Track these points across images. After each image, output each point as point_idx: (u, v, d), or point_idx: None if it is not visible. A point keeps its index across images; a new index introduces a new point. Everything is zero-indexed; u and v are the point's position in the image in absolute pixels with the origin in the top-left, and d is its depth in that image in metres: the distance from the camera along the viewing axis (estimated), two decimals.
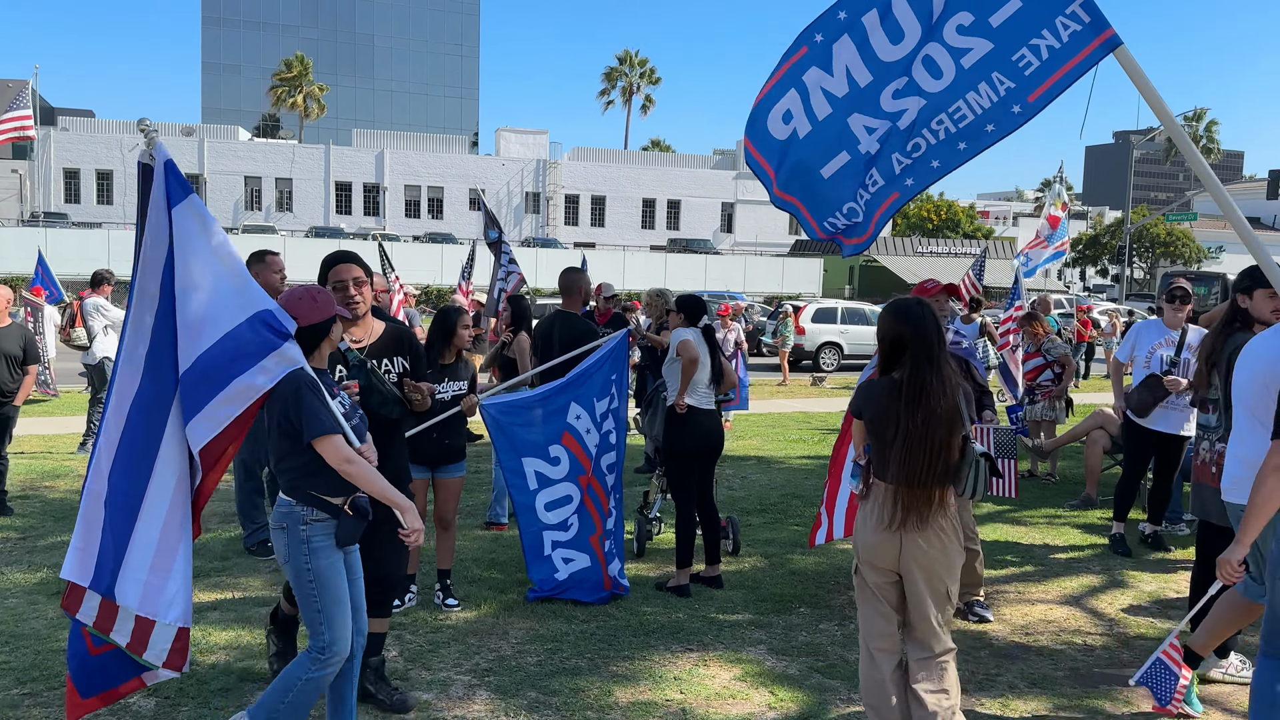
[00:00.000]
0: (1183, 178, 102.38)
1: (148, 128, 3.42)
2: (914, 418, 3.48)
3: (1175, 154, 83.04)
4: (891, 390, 3.56)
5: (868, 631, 3.68)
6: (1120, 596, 5.88)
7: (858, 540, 3.69)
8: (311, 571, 3.41)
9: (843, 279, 50.85)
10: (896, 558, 3.57)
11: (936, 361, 3.55)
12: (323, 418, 3.33)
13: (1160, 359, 6.56)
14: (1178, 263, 61.74)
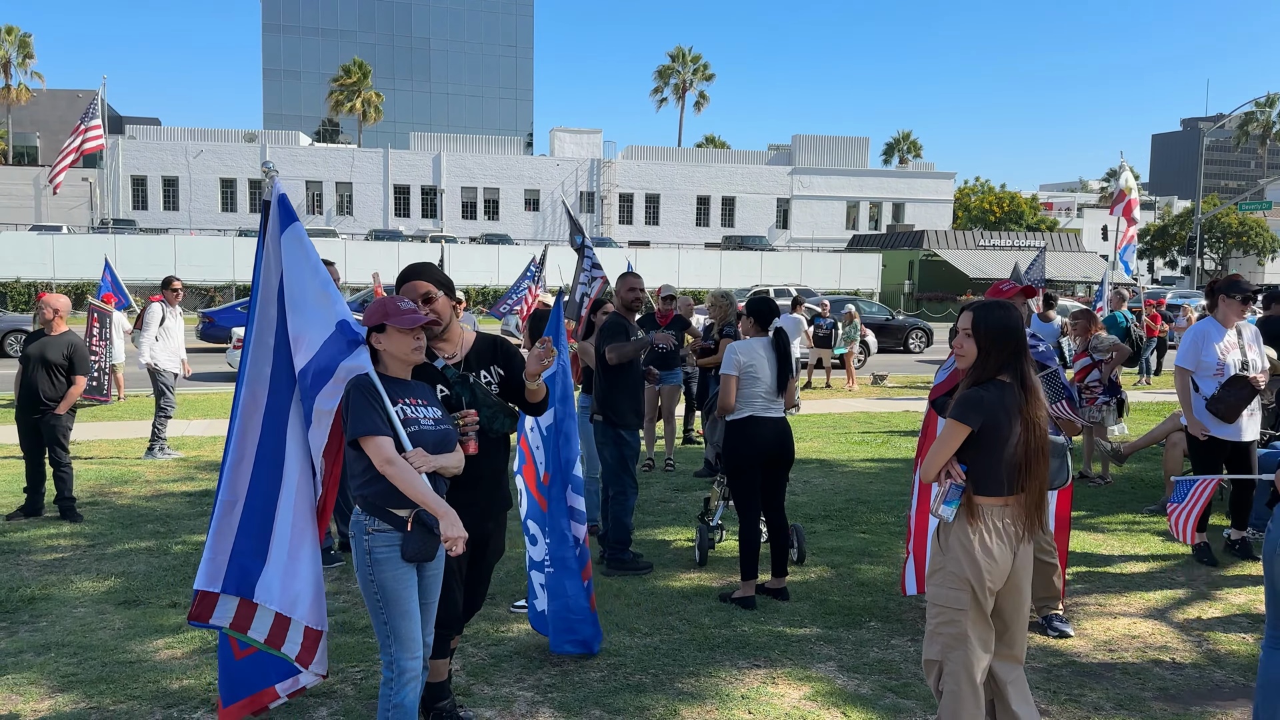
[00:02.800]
0: (1254, 165, 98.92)
1: (269, 169, 3.76)
2: (1037, 421, 3.41)
3: (1246, 140, 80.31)
4: (1011, 394, 3.41)
5: (974, 664, 3.40)
6: (1208, 609, 5.60)
7: (980, 566, 3.38)
8: (375, 583, 3.37)
9: (902, 274, 50.06)
10: (1008, 574, 3.44)
11: (1027, 362, 3.50)
12: (367, 418, 3.30)
13: (1231, 365, 6.28)
14: (1250, 253, 59.82)
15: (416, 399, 3.50)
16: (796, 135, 64.55)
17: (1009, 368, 3.45)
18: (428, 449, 3.41)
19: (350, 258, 37.02)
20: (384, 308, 3.48)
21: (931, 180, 65.94)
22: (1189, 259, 50.41)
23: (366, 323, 3.50)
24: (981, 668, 3.44)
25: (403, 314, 3.46)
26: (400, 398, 3.44)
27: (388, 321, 3.46)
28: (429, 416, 3.49)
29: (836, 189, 63.80)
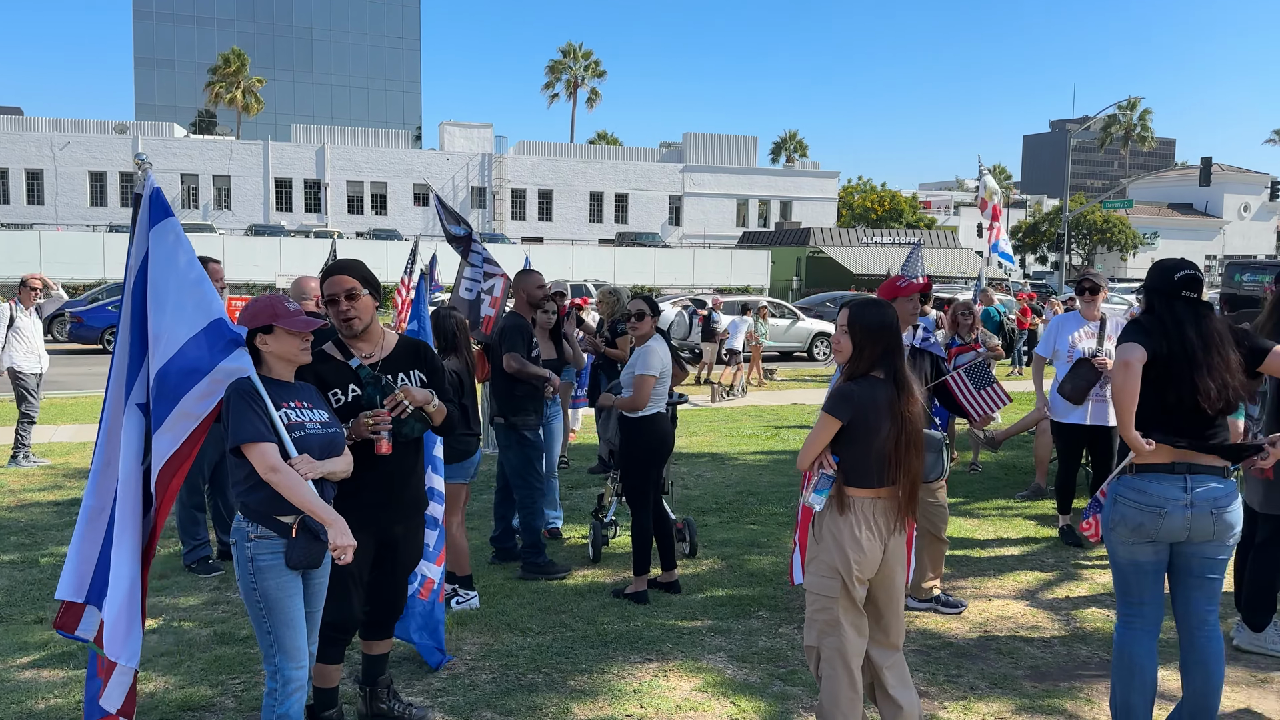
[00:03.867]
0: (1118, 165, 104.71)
1: (142, 161, 3.58)
2: (909, 417, 3.51)
3: (1110, 141, 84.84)
4: (884, 390, 3.52)
5: (849, 651, 3.52)
6: (1075, 589, 5.92)
7: (848, 555, 3.48)
8: (258, 592, 3.27)
9: (790, 271, 51.12)
10: (879, 565, 3.55)
11: (903, 358, 3.61)
12: (250, 424, 3.20)
13: (1082, 351, 6.66)
14: (1114, 249, 63.15)
15: (302, 402, 3.41)
16: (687, 133, 65.20)
17: (882, 364, 3.56)
18: (314, 454, 3.32)
19: (229, 254, 35.66)
20: (272, 308, 3.37)
21: (817, 179, 67.57)
22: (1058, 255, 52.96)
23: (252, 323, 3.38)
24: (856, 653, 3.55)
25: (292, 315, 3.36)
26: (284, 401, 3.34)
27: (276, 323, 3.35)
28: (315, 420, 3.40)
29: (726, 187, 64.73)
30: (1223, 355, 3.57)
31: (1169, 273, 3.74)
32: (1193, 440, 3.62)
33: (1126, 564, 3.76)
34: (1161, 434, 3.62)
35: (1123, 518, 3.68)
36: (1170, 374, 3.60)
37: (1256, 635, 4.84)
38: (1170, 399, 3.61)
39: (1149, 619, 3.75)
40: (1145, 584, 3.74)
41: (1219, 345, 3.58)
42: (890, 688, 3.58)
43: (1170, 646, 4.33)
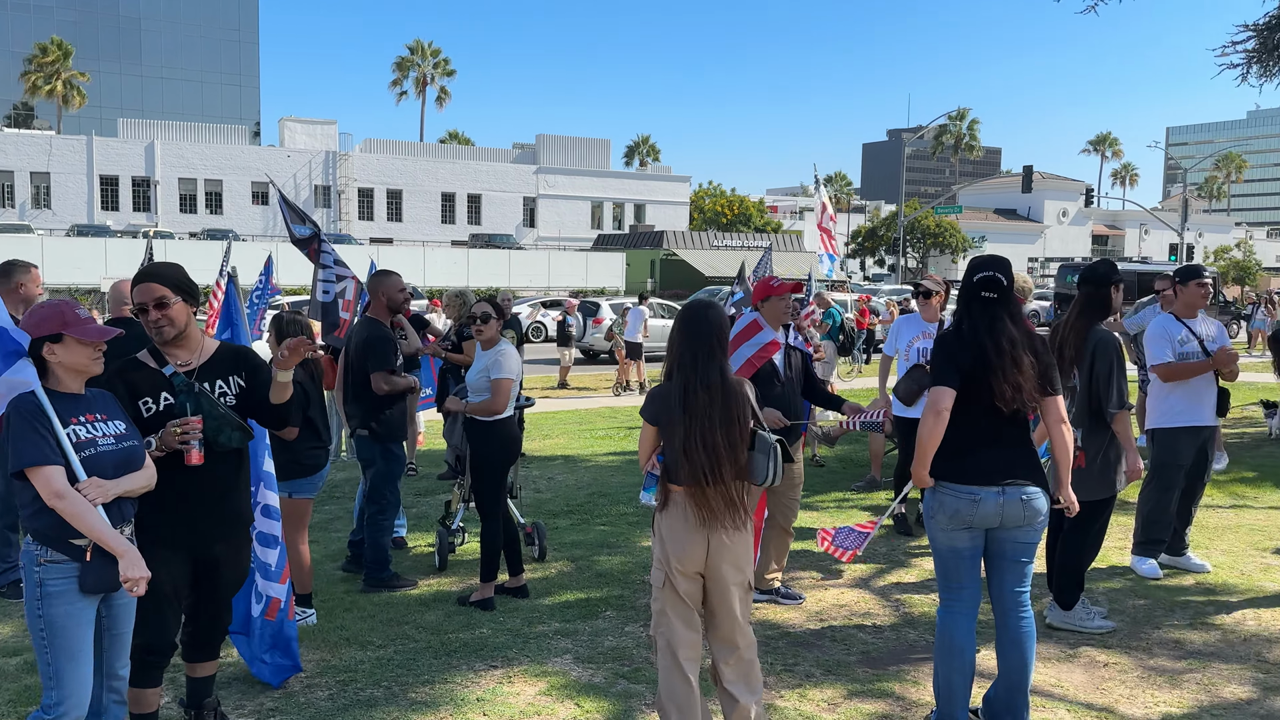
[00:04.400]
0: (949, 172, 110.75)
1: None
2: (700, 417, 3.56)
3: (941, 150, 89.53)
4: (677, 393, 3.63)
5: (676, 642, 3.63)
6: (905, 575, 6.21)
7: (667, 549, 3.64)
8: (43, 619, 3.05)
9: (645, 273, 51.73)
10: (704, 559, 3.61)
11: (717, 360, 3.65)
12: (33, 446, 2.98)
13: (918, 350, 7.01)
14: (946, 252, 66.63)
15: (95, 414, 3.19)
16: (541, 135, 65.02)
17: (689, 365, 3.64)
18: (108, 471, 3.11)
19: (49, 256, 33.27)
20: (60, 315, 3.13)
21: (669, 183, 68.62)
22: (895, 258, 55.54)
23: (37, 331, 3.12)
24: (684, 644, 3.63)
25: (83, 324, 3.14)
26: (73, 416, 3.13)
27: (66, 331, 3.12)
28: (109, 434, 3.19)
29: (581, 189, 64.89)
30: (1015, 359, 3.78)
31: (970, 274, 3.99)
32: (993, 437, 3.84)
33: (946, 550, 3.97)
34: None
35: (941, 505, 3.89)
36: (973, 377, 3.82)
37: (1066, 613, 5.20)
38: (971, 399, 3.83)
39: (968, 602, 3.97)
40: (963, 569, 3.96)
41: (1012, 349, 3.79)
42: (726, 682, 3.66)
43: (989, 628, 4.60)
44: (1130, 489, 7.94)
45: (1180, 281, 6.23)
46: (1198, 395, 6.02)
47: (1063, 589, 5.20)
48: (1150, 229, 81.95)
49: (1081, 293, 5.31)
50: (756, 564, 5.41)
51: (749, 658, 3.67)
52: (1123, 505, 7.87)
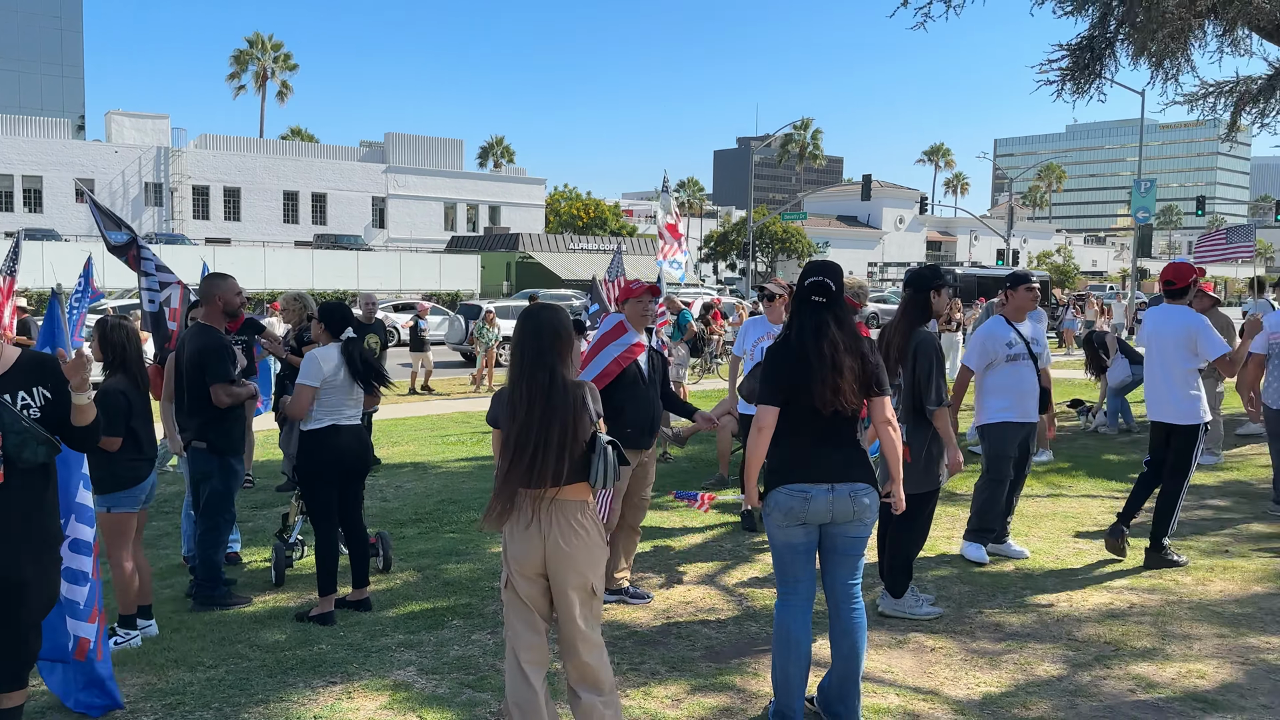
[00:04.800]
0: (795, 180, 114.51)
1: None
2: (533, 420, 3.58)
3: (787, 158, 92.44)
4: (511, 395, 3.66)
5: (518, 645, 3.64)
6: (749, 570, 6.37)
7: (506, 551, 3.65)
8: None
9: (500, 275, 51.26)
10: (543, 561, 3.60)
11: (548, 362, 3.65)
12: None
13: (763, 350, 7.23)
14: (793, 257, 68.83)
15: None
16: (390, 133, 63.46)
17: (524, 367, 3.67)
18: None
19: None
20: None
21: (525, 185, 68.23)
22: (745, 262, 56.98)
23: None
24: (525, 646, 3.64)
25: None
26: None
27: None
28: None
29: (433, 189, 63.71)
30: (836, 363, 3.93)
31: (802, 279, 4.15)
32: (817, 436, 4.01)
33: (782, 546, 4.11)
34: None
35: (776, 503, 4.03)
36: (799, 382, 3.96)
37: (897, 601, 5.46)
38: (800, 401, 3.97)
39: (803, 595, 4.12)
40: (799, 564, 4.10)
41: (833, 353, 3.94)
42: (571, 681, 3.68)
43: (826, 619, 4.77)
44: (958, 481, 8.41)
45: (1010, 286, 6.59)
46: (1022, 393, 6.43)
47: (893, 578, 5.45)
48: (980, 235, 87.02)
49: (905, 296, 5.59)
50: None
51: (589, 660, 3.66)
52: (950, 497, 8.34)
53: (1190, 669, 4.66)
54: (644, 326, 5.59)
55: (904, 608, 5.44)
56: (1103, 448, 10.98)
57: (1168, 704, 4.30)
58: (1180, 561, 6.31)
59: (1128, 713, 4.21)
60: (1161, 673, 4.63)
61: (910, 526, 5.38)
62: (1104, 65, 13.81)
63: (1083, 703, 4.32)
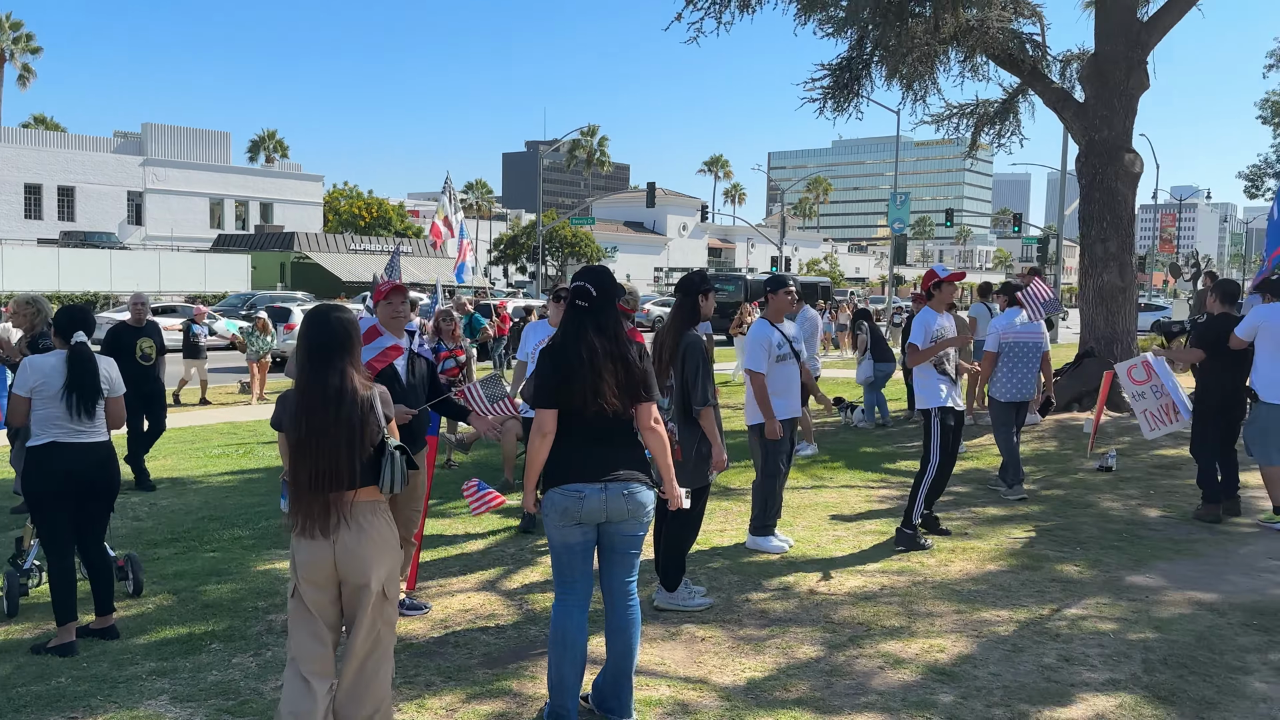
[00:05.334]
0: (584, 185, 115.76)
1: None
2: (319, 422, 3.51)
3: (575, 163, 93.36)
4: (295, 397, 3.59)
5: (302, 655, 3.53)
6: (530, 574, 6.38)
7: (294, 558, 3.56)
8: None
9: (274, 276, 48.68)
10: (334, 566, 3.51)
11: (338, 365, 3.60)
12: None
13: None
14: (583, 261, 69.60)
15: None
16: (147, 124, 58.90)
17: (307, 369, 3.60)
18: None
19: None
20: None
21: (300, 181, 65.18)
22: (535, 265, 57.02)
23: None
24: (309, 657, 3.53)
25: None
26: None
27: None
28: None
29: (197, 184, 59.66)
30: (595, 366, 4.01)
31: (570, 283, 4.21)
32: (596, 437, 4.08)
33: (560, 546, 4.14)
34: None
35: (552, 504, 4.07)
36: (567, 385, 4.03)
37: (671, 595, 5.63)
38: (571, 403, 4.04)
39: (580, 594, 4.17)
40: (576, 563, 4.15)
41: (592, 358, 4.02)
42: (340, 690, 3.58)
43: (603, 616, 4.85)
44: (731, 475, 8.79)
45: (771, 290, 6.97)
46: (789, 391, 6.82)
47: (666, 572, 5.62)
48: (756, 243, 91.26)
49: (675, 300, 5.81)
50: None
51: (371, 668, 3.60)
52: (725, 492, 8.70)
53: (932, 644, 5.09)
54: (400, 329, 5.44)
55: (677, 600, 5.61)
56: (861, 441, 11.79)
57: (912, 678, 4.67)
58: (925, 545, 6.89)
59: (876, 688, 4.54)
60: (907, 649, 5.02)
61: (683, 522, 5.57)
62: (861, 85, 14.86)
63: (837, 681, 4.62)
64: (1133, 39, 12.93)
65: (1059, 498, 8.56)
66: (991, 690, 4.49)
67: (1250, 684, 4.56)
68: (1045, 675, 4.66)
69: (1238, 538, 7.24)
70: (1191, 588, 5.99)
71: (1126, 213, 13.16)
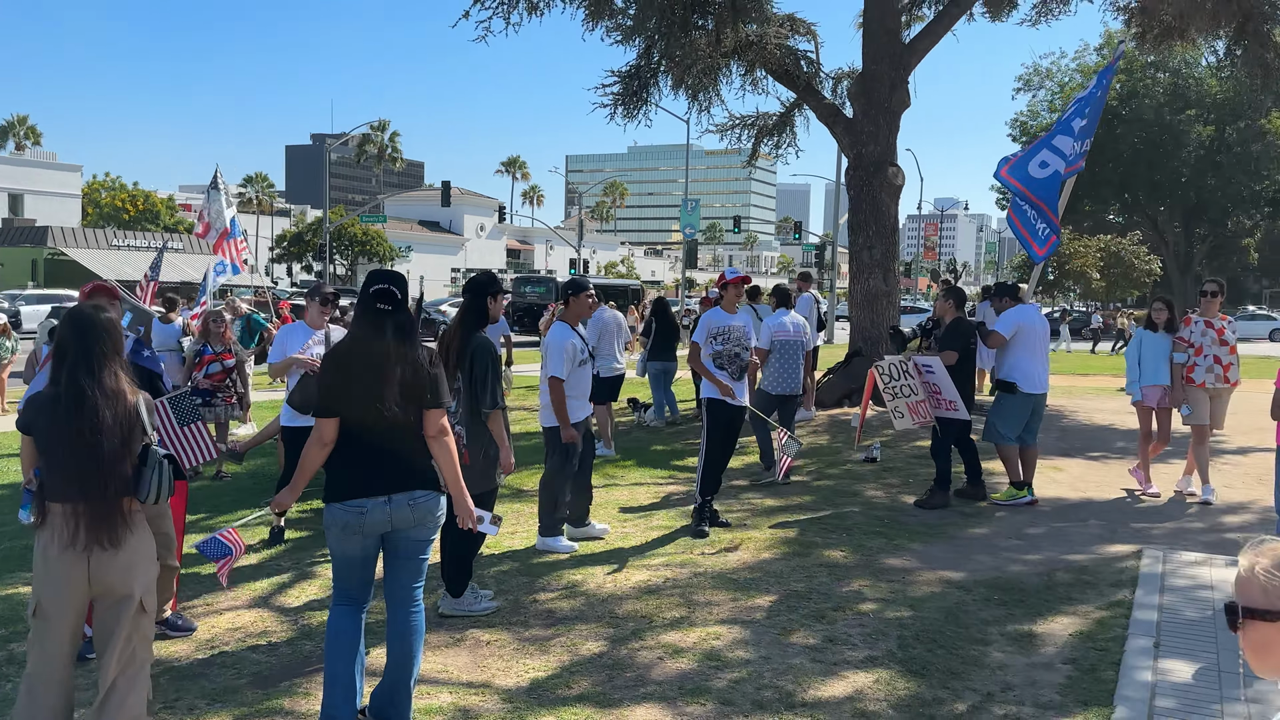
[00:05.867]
0: (375, 182, 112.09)
1: None
2: (76, 427, 3.33)
3: (365, 158, 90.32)
4: (54, 402, 3.37)
5: (44, 678, 3.32)
6: (309, 588, 6.12)
7: (40, 574, 3.33)
8: None
9: (25, 274, 44.31)
10: (87, 581, 3.32)
11: (98, 369, 3.42)
12: None
13: (316, 355, 7.03)
14: (375, 260, 67.47)
15: None
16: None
17: (67, 372, 3.41)
18: None
19: None
20: None
21: (55, 171, 59.60)
22: (321, 264, 54.68)
23: None
24: (42, 679, 3.35)
25: None
26: None
27: None
28: None
29: None
30: (384, 373, 3.91)
31: (366, 285, 4.09)
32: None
33: (340, 558, 4.02)
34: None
35: (333, 519, 3.94)
36: (348, 387, 3.92)
37: (456, 600, 5.56)
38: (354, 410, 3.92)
39: (358, 600, 4.06)
40: (355, 573, 4.04)
41: (383, 364, 3.92)
42: (93, 712, 3.39)
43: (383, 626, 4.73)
44: (523, 477, 8.78)
45: (572, 293, 7.02)
46: (585, 392, 6.91)
47: (452, 578, 5.55)
48: (555, 245, 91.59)
49: (464, 302, 5.75)
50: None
51: (124, 686, 3.40)
52: (516, 494, 8.69)
53: (709, 632, 5.29)
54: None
55: (463, 606, 5.55)
56: (652, 439, 12.08)
57: (689, 666, 4.83)
58: (704, 532, 7.19)
59: (656, 679, 4.67)
60: (686, 638, 5.20)
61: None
62: (650, 93, 15.22)
63: (619, 675, 4.71)
64: (896, 59, 13.93)
65: (829, 488, 9.11)
66: (762, 673, 4.72)
67: (990, 654, 5.02)
68: (811, 655, 4.95)
69: (983, 520, 7.95)
70: (942, 567, 6.53)
71: (890, 222, 14.15)
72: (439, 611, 5.51)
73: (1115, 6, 14.93)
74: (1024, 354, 8.30)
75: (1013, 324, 8.28)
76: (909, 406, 8.30)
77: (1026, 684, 4.62)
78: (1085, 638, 5.22)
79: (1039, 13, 15.41)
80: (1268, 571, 1.69)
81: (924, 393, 8.27)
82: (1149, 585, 6.02)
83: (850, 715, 4.28)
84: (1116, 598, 5.86)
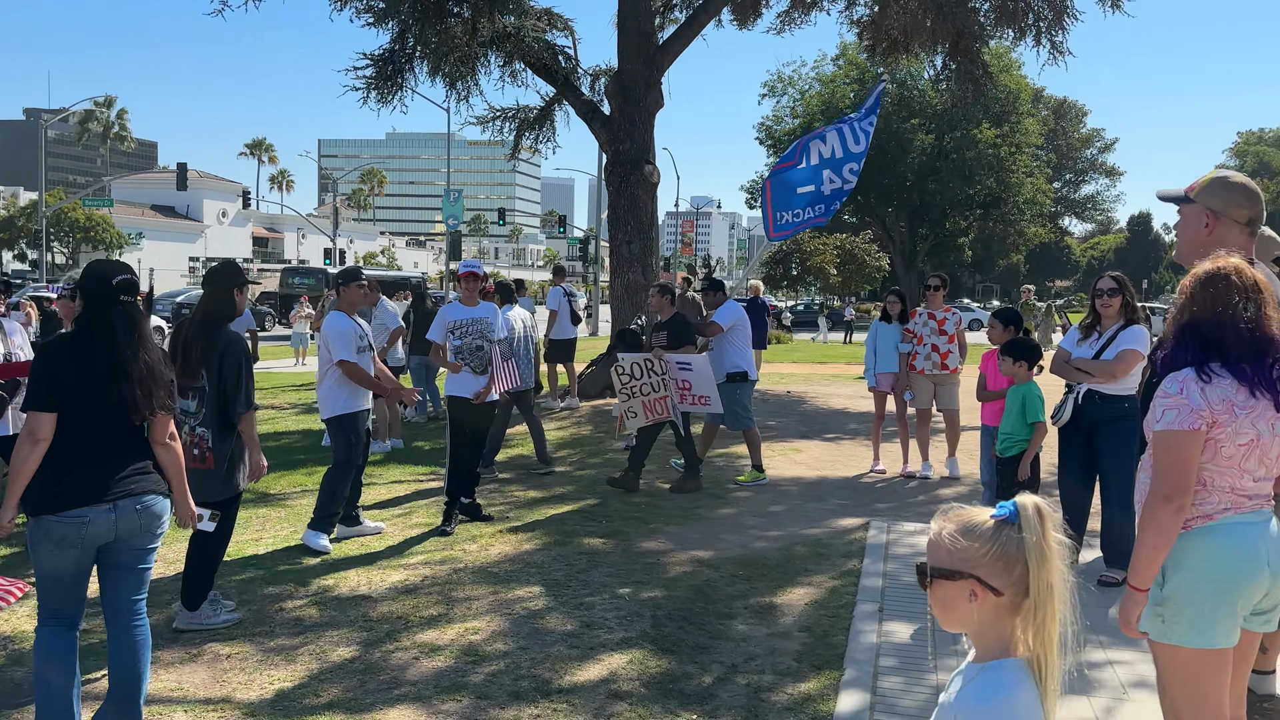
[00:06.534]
0: (100, 163, 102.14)
1: None
2: None
3: (89, 137, 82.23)
4: None
5: None
6: (16, 611, 5.51)
7: None
8: None
9: None
10: None
11: None
12: None
13: None
14: (100, 248, 61.60)
15: None
16: None
17: None
18: None
19: None
20: None
21: None
22: (37, 252, 49.32)
23: None
24: None
25: None
26: None
27: None
28: None
29: None
30: (127, 371, 3.69)
31: (107, 278, 3.79)
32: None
33: (50, 575, 3.69)
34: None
35: (47, 533, 3.65)
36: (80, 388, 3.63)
37: (193, 614, 5.19)
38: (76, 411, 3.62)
39: (69, 620, 3.77)
40: (67, 591, 3.73)
41: (132, 358, 3.71)
42: None
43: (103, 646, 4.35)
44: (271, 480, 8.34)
45: (343, 283, 7.01)
46: (354, 385, 6.75)
47: (189, 591, 5.18)
48: (307, 234, 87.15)
49: (206, 294, 5.38)
50: None
51: None
52: (263, 498, 8.24)
53: (469, 627, 5.25)
54: None
55: (200, 619, 5.20)
56: (413, 435, 11.81)
57: (446, 663, 4.77)
58: (447, 531, 7.17)
59: (410, 679, 4.58)
60: (444, 636, 5.13)
61: (211, 535, 5.16)
62: (405, 78, 14.82)
63: (371, 679, 4.58)
64: (650, 60, 14.33)
65: (590, 477, 9.28)
66: (519, 664, 4.74)
67: (734, 627, 5.30)
68: (569, 642, 5.03)
69: (731, 501, 8.38)
70: (693, 548, 6.82)
71: (647, 218, 14.57)
72: (174, 627, 5.13)
73: (850, 20, 16.12)
74: (743, 345, 8.95)
75: (731, 316, 8.85)
76: (644, 405, 8.44)
77: (767, 653, 4.92)
78: (819, 606, 5.62)
79: (783, 22, 16.36)
80: (952, 535, 1.89)
81: (669, 389, 8.46)
82: (875, 554, 6.58)
83: (604, 697, 4.38)
84: (847, 567, 6.36)
